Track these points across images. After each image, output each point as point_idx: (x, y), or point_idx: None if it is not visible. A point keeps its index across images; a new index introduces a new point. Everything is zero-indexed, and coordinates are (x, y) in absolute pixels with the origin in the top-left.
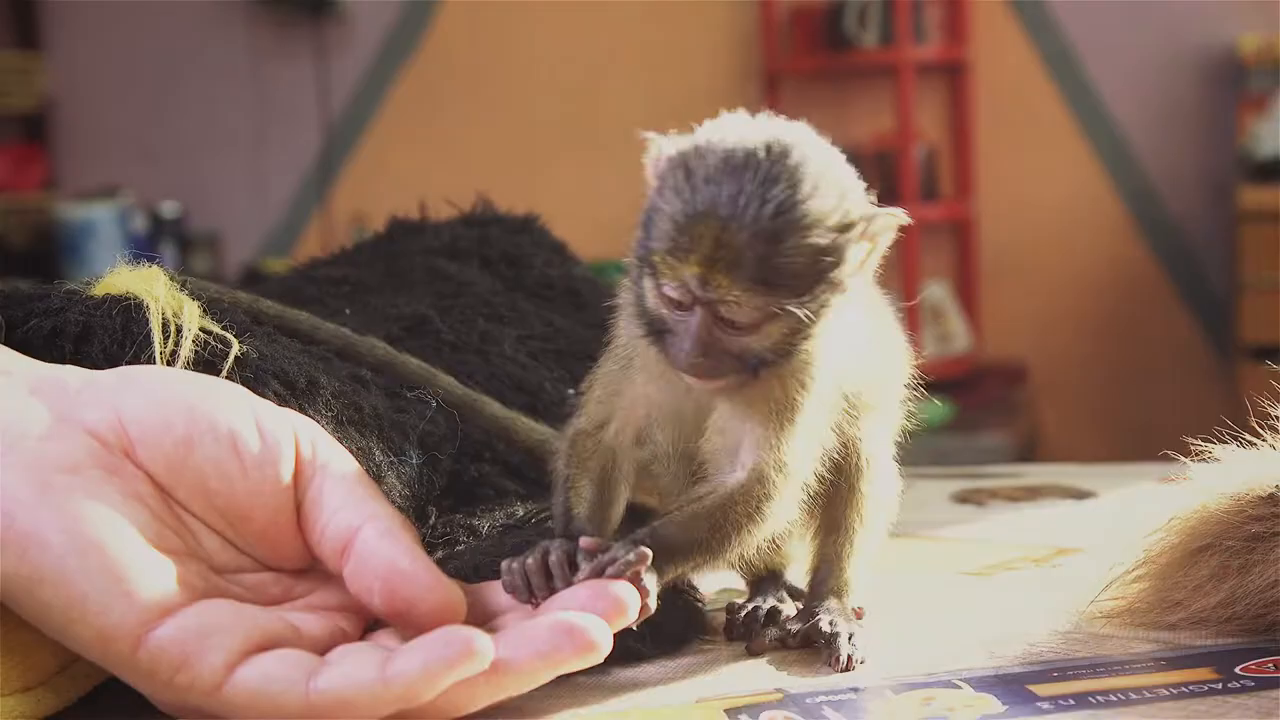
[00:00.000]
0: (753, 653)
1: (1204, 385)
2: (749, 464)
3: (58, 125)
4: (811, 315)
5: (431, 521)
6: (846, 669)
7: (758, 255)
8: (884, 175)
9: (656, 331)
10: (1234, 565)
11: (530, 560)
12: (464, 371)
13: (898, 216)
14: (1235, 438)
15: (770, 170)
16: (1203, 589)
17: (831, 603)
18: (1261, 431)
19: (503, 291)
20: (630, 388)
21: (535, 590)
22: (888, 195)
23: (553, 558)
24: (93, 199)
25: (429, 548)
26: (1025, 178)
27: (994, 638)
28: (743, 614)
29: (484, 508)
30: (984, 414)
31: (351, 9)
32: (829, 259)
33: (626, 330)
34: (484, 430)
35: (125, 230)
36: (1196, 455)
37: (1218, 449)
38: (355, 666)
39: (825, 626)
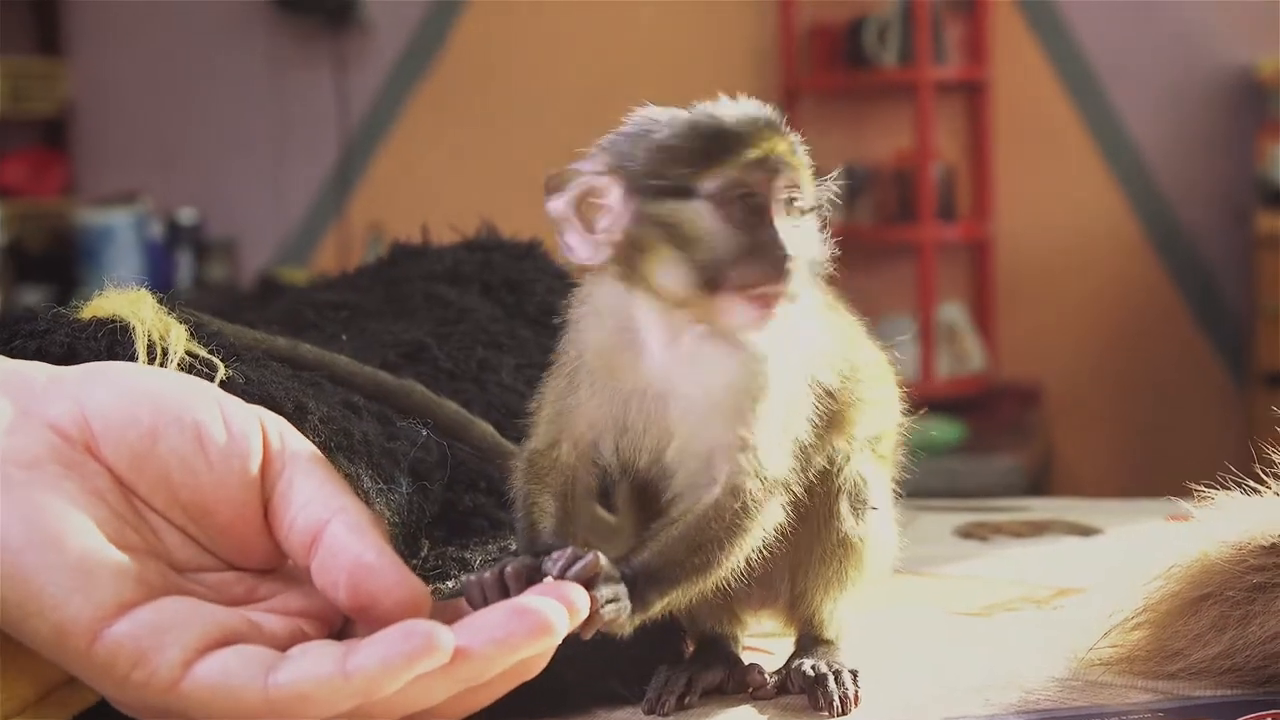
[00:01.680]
0: (757, 699)
1: (1219, 411)
2: (721, 476)
3: (78, 131)
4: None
5: (424, 553)
6: (842, 712)
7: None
8: (902, 194)
9: (719, 271)
10: (1235, 616)
11: (487, 575)
12: (461, 400)
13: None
14: (1239, 483)
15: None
16: (1203, 639)
17: (817, 648)
18: (1265, 478)
19: (503, 319)
20: (576, 403)
21: (490, 602)
22: (905, 214)
23: (509, 569)
24: (111, 205)
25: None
26: (1043, 199)
27: (989, 683)
28: (664, 680)
29: (477, 540)
30: (998, 435)
31: (372, 19)
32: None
33: (578, 341)
34: (480, 460)
35: (143, 237)
36: (1201, 499)
37: (1221, 495)
38: (314, 661)
39: (809, 670)
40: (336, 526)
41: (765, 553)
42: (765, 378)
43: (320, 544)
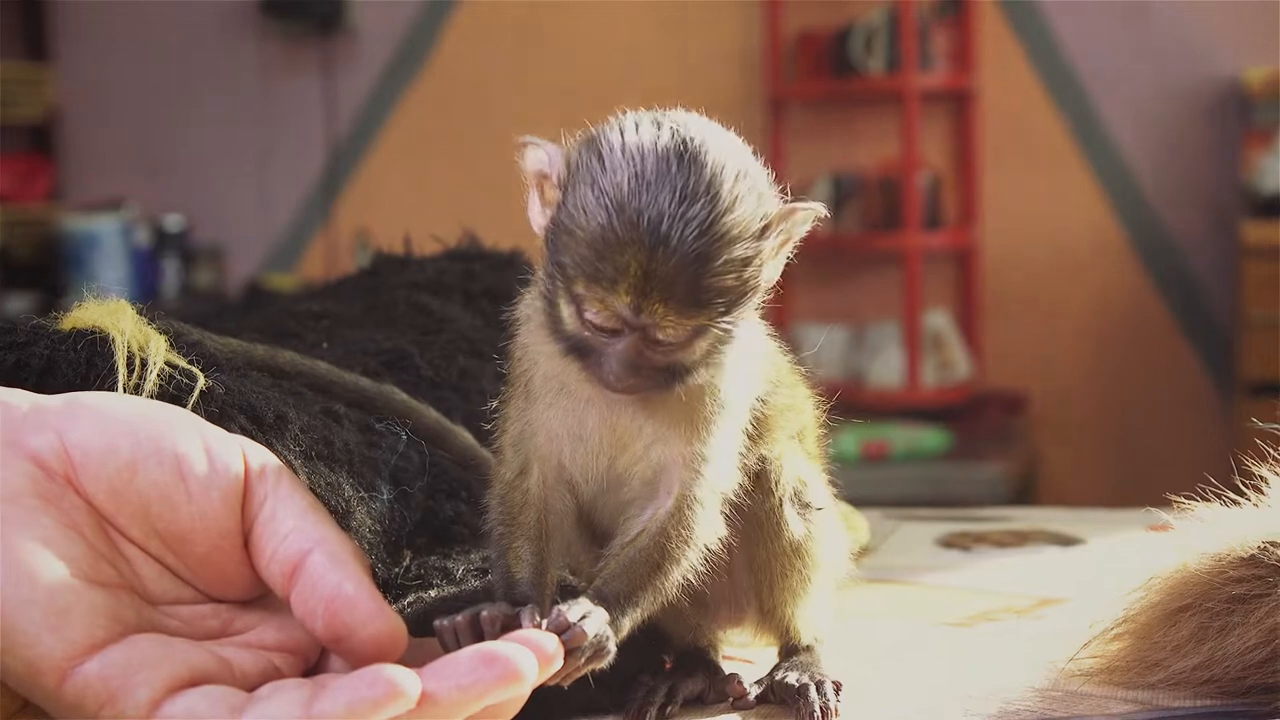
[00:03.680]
0: (738, 708)
1: (1203, 420)
2: (674, 490)
3: (64, 137)
4: (735, 323)
5: (406, 563)
6: None
7: (688, 279)
8: (888, 202)
9: (577, 350)
10: (1214, 627)
11: (459, 619)
12: (442, 408)
13: (814, 209)
14: (1219, 495)
15: (687, 184)
16: (1182, 650)
17: (797, 658)
18: (1245, 490)
19: (484, 328)
20: (535, 416)
21: (462, 646)
22: (891, 221)
23: (484, 615)
24: (97, 211)
25: (402, 589)
26: (1029, 207)
27: (970, 693)
28: (646, 690)
29: (459, 549)
30: (983, 443)
31: (359, 26)
32: (754, 266)
33: (529, 348)
34: (460, 468)
35: (129, 243)
36: (1181, 510)
37: (1201, 507)
38: (280, 706)
39: (792, 681)
40: (317, 557)
41: (719, 565)
42: (720, 393)
43: (300, 575)
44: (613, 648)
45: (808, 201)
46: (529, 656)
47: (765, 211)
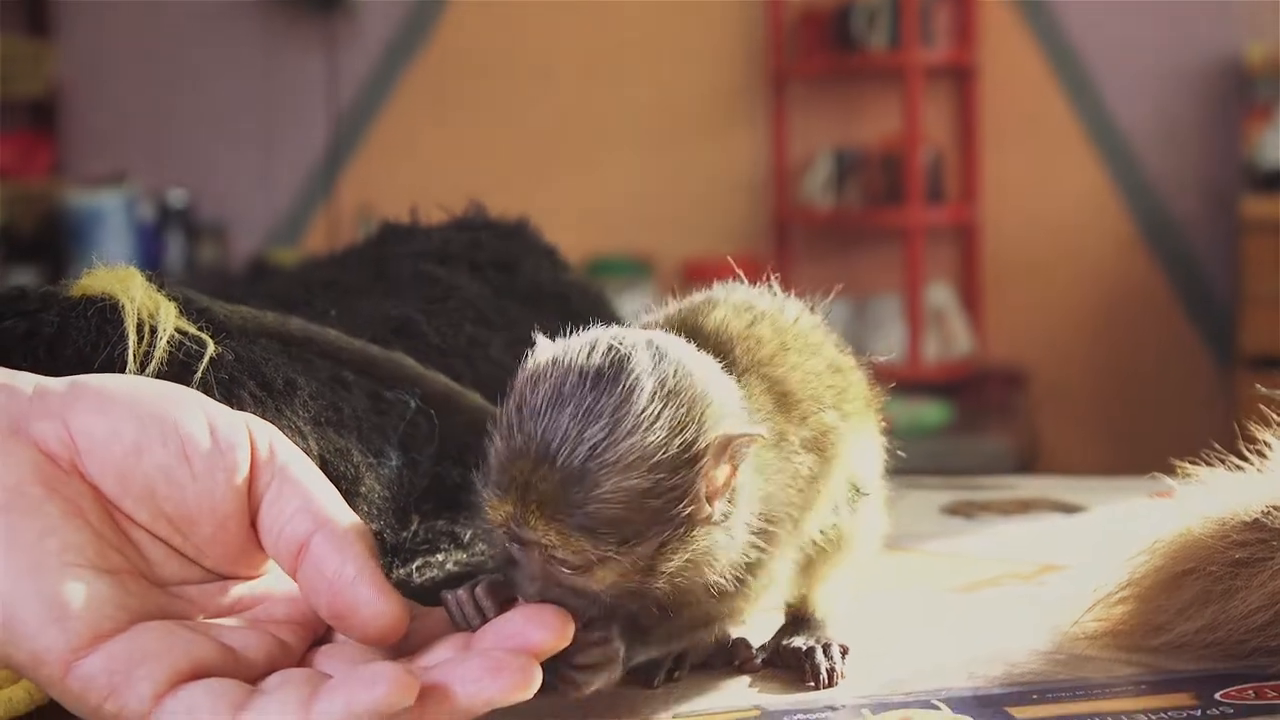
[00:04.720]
0: (744, 671)
1: (1204, 395)
2: None
3: (67, 112)
4: (650, 556)
5: (414, 528)
6: (829, 684)
7: (571, 500)
8: (890, 177)
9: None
10: (1217, 591)
11: (461, 591)
12: (450, 375)
13: (754, 436)
14: (1223, 461)
15: (593, 405)
16: (1185, 613)
17: (805, 624)
18: (1249, 455)
19: (491, 296)
20: None
21: (469, 619)
22: (893, 196)
23: (479, 589)
24: (100, 187)
25: (409, 555)
26: (1030, 183)
27: (975, 657)
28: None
29: (467, 514)
30: (984, 418)
31: (362, 3)
32: (659, 500)
33: None
34: (470, 432)
35: (132, 218)
36: (1184, 476)
37: (1204, 472)
38: (280, 706)
39: (799, 645)
40: (320, 539)
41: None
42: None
43: (305, 555)
44: (619, 673)
45: (751, 429)
46: (535, 667)
47: (690, 440)
